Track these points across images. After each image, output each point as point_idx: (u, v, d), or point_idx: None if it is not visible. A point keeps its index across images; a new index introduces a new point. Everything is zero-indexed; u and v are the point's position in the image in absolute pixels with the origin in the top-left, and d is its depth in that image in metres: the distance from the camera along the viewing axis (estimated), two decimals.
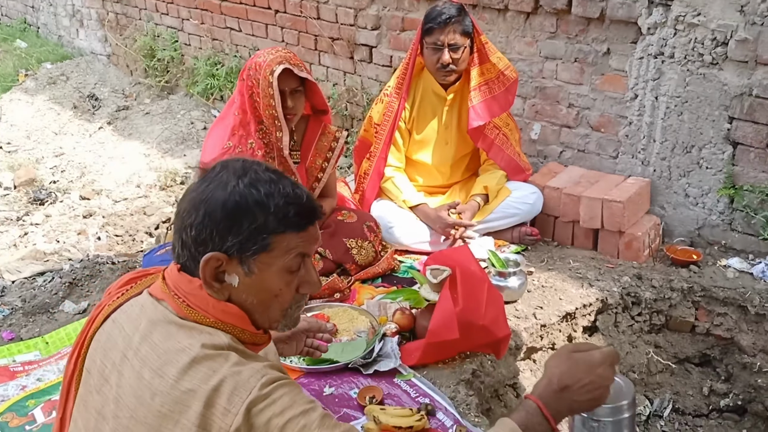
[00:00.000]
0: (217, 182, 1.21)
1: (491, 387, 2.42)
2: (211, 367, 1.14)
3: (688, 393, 2.92)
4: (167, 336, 1.19)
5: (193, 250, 1.21)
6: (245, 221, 1.19)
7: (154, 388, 1.14)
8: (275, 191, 1.22)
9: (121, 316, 1.29)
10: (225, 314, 1.22)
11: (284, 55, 2.59)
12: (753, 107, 2.81)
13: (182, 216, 1.22)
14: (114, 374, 1.21)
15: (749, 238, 2.99)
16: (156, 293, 1.26)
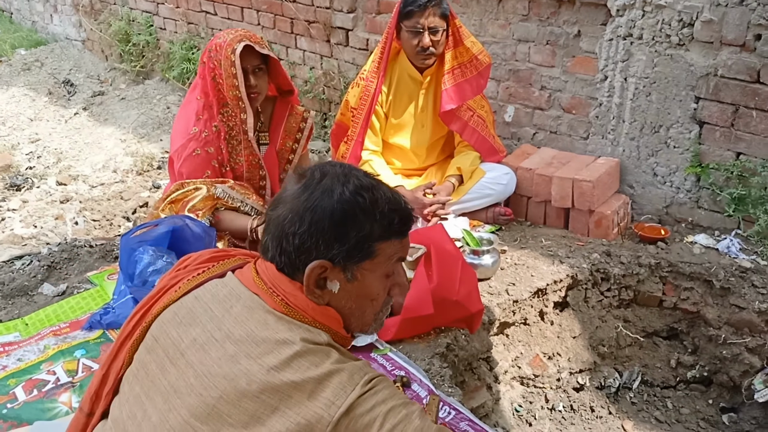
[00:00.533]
0: (321, 190, 1.21)
1: (465, 360, 2.48)
2: (313, 361, 1.15)
3: (656, 365, 3.02)
4: (264, 325, 1.19)
5: (294, 257, 1.22)
6: (352, 230, 1.21)
7: (251, 375, 1.14)
8: (379, 198, 1.24)
9: (205, 295, 1.28)
10: (324, 316, 1.23)
11: (243, 34, 2.59)
12: (718, 87, 2.89)
13: (283, 223, 1.22)
14: (196, 351, 1.20)
15: (715, 215, 3.08)
16: (249, 285, 1.26)
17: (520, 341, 2.82)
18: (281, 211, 1.23)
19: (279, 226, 1.23)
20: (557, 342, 2.90)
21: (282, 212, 1.23)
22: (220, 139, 2.67)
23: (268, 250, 1.26)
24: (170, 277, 1.38)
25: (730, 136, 2.93)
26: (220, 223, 2.65)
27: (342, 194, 1.21)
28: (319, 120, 4.71)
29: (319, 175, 1.24)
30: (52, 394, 2.13)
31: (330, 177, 1.23)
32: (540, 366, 2.86)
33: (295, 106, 2.88)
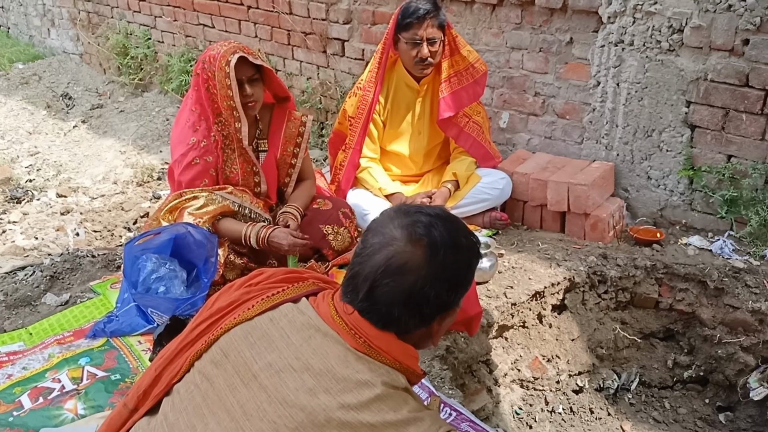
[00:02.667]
0: (446, 249, 1.23)
1: (465, 363, 2.52)
2: (392, 407, 1.15)
3: (653, 366, 3.06)
4: (345, 362, 1.19)
5: (412, 315, 1.23)
6: (471, 272, 1.30)
7: (329, 411, 1.13)
8: (465, 228, 1.33)
9: (282, 319, 1.28)
10: (406, 356, 1.24)
11: (237, 46, 2.64)
12: (708, 91, 2.94)
13: (414, 290, 1.21)
14: (271, 376, 1.19)
15: (708, 217, 3.13)
16: (326, 319, 1.25)
17: (519, 344, 2.86)
18: (409, 278, 1.20)
19: (406, 292, 1.21)
20: (556, 344, 2.94)
21: (411, 279, 1.21)
22: (217, 147, 2.71)
23: (357, 303, 1.24)
24: (241, 292, 1.38)
25: (721, 139, 2.98)
26: (218, 231, 2.68)
27: (462, 244, 1.27)
28: (316, 129, 4.76)
29: (435, 235, 1.23)
30: (57, 402, 2.16)
31: (440, 230, 1.24)
32: (539, 368, 2.89)
33: (293, 111, 2.93)
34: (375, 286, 1.21)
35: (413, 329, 1.25)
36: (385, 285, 1.20)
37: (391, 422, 1.13)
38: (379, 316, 1.23)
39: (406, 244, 1.21)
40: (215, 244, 2.56)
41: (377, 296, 1.21)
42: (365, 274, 1.22)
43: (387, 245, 1.22)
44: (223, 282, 2.64)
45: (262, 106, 2.84)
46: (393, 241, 1.22)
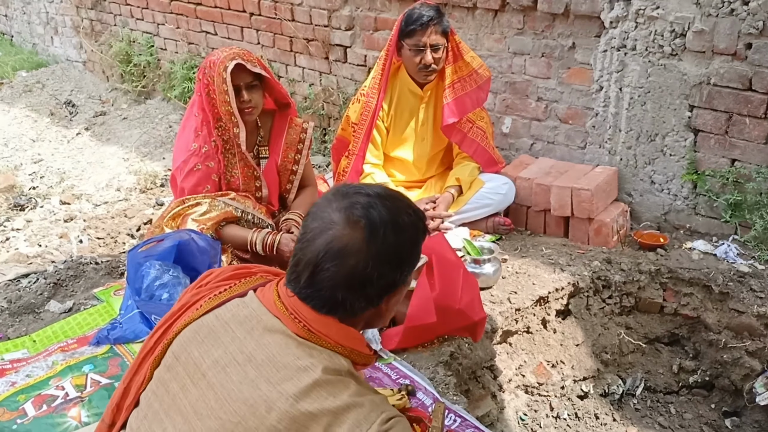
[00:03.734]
0: (386, 228, 1.22)
1: (469, 369, 2.51)
2: (332, 392, 1.15)
3: (658, 371, 3.04)
4: (286, 350, 1.19)
5: (352, 297, 1.23)
6: (416, 247, 1.30)
7: (270, 402, 1.14)
8: (410, 204, 1.33)
9: (227, 314, 1.28)
10: (347, 339, 1.24)
11: (237, 52, 2.65)
12: (711, 95, 2.94)
13: (356, 271, 1.20)
14: (218, 373, 1.20)
15: (712, 221, 3.12)
16: (270, 308, 1.26)
17: (523, 349, 2.85)
18: (351, 260, 1.19)
19: (349, 275, 1.20)
20: (560, 350, 2.93)
21: (352, 261, 1.20)
22: (218, 152, 2.72)
23: (299, 289, 1.24)
24: (191, 294, 1.39)
25: (724, 143, 2.98)
26: (222, 238, 2.68)
27: (403, 222, 1.25)
28: (319, 135, 4.76)
29: (374, 216, 1.22)
30: (61, 409, 2.16)
31: (379, 210, 1.23)
32: (544, 374, 2.88)
33: (294, 118, 2.93)
34: (317, 272, 1.20)
35: (360, 311, 1.25)
36: (326, 270, 1.20)
37: (330, 409, 1.13)
38: (323, 301, 1.22)
39: (345, 226, 1.20)
40: (218, 251, 2.56)
41: (320, 281, 1.21)
42: (306, 260, 1.22)
43: (326, 229, 1.21)
44: None
45: (264, 113, 2.85)
46: (332, 224, 1.21)
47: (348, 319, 1.25)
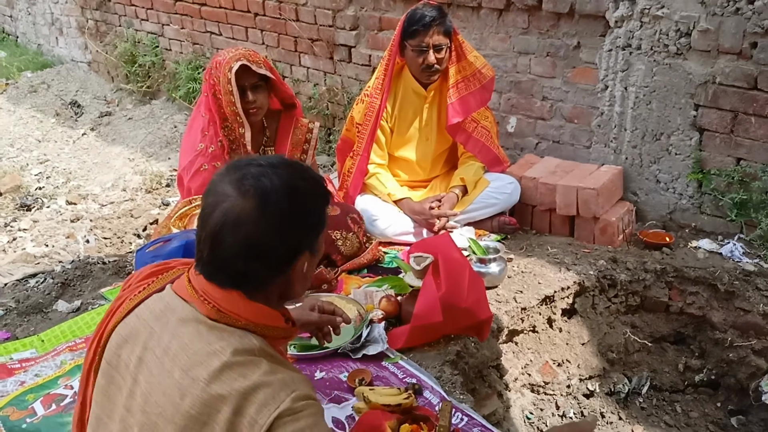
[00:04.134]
0: (279, 195, 1.24)
1: (475, 368, 2.51)
2: (242, 373, 1.16)
3: (664, 370, 3.04)
4: (197, 336, 1.21)
5: (254, 266, 1.24)
6: (315, 214, 1.31)
7: (183, 389, 1.16)
8: (307, 170, 1.34)
9: (145, 312, 1.31)
10: (257, 315, 1.25)
11: (243, 53, 2.67)
12: (717, 94, 2.94)
13: (253, 240, 1.22)
14: (142, 371, 1.23)
15: (718, 220, 3.12)
16: (183, 294, 1.28)
17: (529, 349, 2.86)
18: (235, 238, 1.21)
19: (246, 245, 1.22)
20: (566, 349, 2.93)
21: (236, 239, 1.22)
22: (224, 153, 2.73)
23: (203, 265, 1.27)
24: (116, 299, 1.41)
25: (730, 142, 2.98)
26: None
27: (299, 187, 1.27)
28: (324, 135, 4.77)
29: (264, 183, 1.24)
30: (70, 408, 2.17)
31: (270, 178, 1.25)
32: (550, 373, 2.88)
33: (300, 118, 2.94)
34: (216, 245, 1.23)
35: (268, 281, 1.27)
36: (225, 242, 1.22)
37: (239, 390, 1.14)
38: (226, 275, 1.24)
39: (237, 197, 1.22)
40: None
41: (219, 254, 1.23)
42: (205, 235, 1.24)
43: (220, 202, 1.23)
44: None
45: (270, 113, 2.86)
46: (225, 197, 1.23)
47: (258, 292, 1.26)
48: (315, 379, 2.26)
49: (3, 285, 3.08)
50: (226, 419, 1.13)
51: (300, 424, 1.15)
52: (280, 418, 1.14)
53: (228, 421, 1.13)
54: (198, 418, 1.15)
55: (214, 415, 1.14)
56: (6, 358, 2.52)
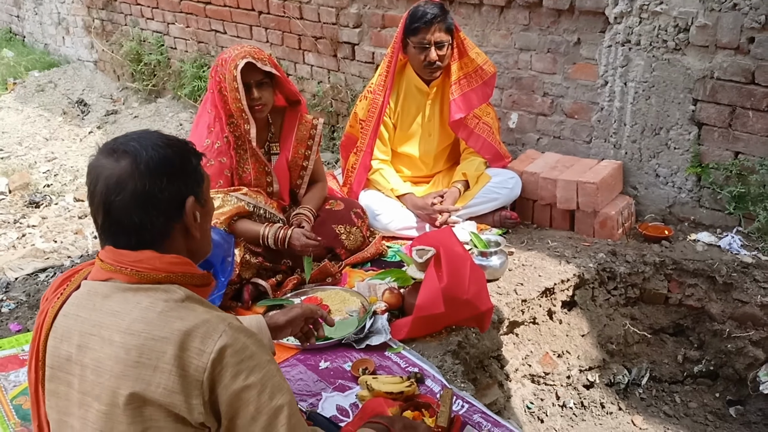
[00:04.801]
0: (148, 156, 1.34)
1: (476, 358, 2.57)
2: (179, 316, 1.28)
3: (663, 361, 3.09)
4: (126, 302, 1.31)
5: (147, 220, 1.34)
6: (187, 163, 1.41)
7: (127, 345, 1.26)
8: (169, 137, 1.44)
9: (70, 308, 1.37)
10: (173, 265, 1.35)
11: (248, 50, 2.72)
12: (715, 89, 2.98)
13: (138, 192, 1.32)
14: (85, 354, 1.31)
15: (716, 214, 3.16)
16: (99, 276, 1.36)
17: (529, 340, 2.90)
18: (122, 196, 1.31)
19: (134, 198, 1.32)
20: (566, 340, 2.98)
21: (124, 197, 1.31)
22: (230, 148, 2.78)
23: (107, 237, 1.36)
24: (39, 313, 1.48)
25: (728, 136, 3.02)
26: (235, 232, 2.75)
27: (164, 142, 1.37)
28: (328, 132, 4.82)
29: (132, 144, 1.34)
30: None
31: (136, 141, 1.35)
32: (550, 364, 2.93)
33: (304, 115, 2.99)
34: (108, 209, 1.33)
35: (166, 230, 1.36)
36: (113, 203, 1.32)
37: (180, 329, 1.25)
38: (128, 233, 1.33)
39: (112, 164, 1.33)
40: (232, 244, 2.63)
41: (114, 215, 1.33)
42: (96, 205, 1.34)
43: (99, 174, 1.33)
44: (239, 281, 2.71)
45: (275, 110, 2.91)
46: (101, 168, 1.34)
47: (163, 243, 1.36)
48: (320, 368, 2.32)
49: (14, 279, 3.14)
50: (173, 356, 1.24)
51: (247, 352, 1.28)
52: (226, 346, 1.26)
53: (176, 357, 1.24)
54: (147, 363, 1.24)
55: (161, 357, 1.24)
56: (18, 350, 2.59)
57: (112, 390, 1.26)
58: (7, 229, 4.08)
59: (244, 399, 1.27)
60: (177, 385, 1.24)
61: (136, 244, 1.34)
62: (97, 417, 1.29)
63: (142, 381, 1.24)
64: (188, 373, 1.24)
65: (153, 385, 1.24)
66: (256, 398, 1.28)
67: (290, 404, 1.33)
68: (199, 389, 1.25)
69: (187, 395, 1.25)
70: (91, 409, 1.30)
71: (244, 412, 1.28)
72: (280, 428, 1.30)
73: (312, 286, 2.79)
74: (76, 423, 1.33)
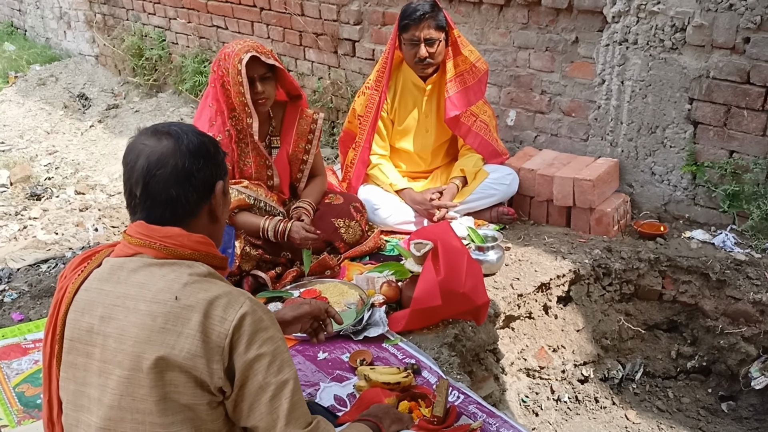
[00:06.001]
0: (187, 138, 1.45)
1: (472, 351, 2.60)
2: (202, 287, 1.36)
3: (657, 357, 3.13)
4: (151, 275, 1.38)
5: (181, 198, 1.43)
6: (218, 154, 1.52)
7: (153, 312, 1.33)
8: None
9: (93, 283, 1.43)
10: (199, 244, 1.43)
11: (251, 45, 2.75)
12: (711, 88, 3.01)
13: (178, 168, 1.41)
14: (108, 324, 1.36)
15: (711, 212, 3.20)
16: (126, 252, 1.42)
17: (525, 334, 2.94)
18: (163, 171, 1.40)
19: (174, 173, 1.41)
20: (561, 335, 3.02)
21: (165, 171, 1.40)
22: (231, 142, 2.81)
23: (141, 211, 1.43)
24: (56, 291, 1.53)
25: (723, 135, 3.06)
26: (235, 224, 2.78)
27: (200, 132, 1.50)
28: (327, 128, 4.85)
29: (175, 128, 1.46)
30: None
31: (177, 126, 1.48)
32: (545, 358, 2.97)
33: (305, 109, 3.02)
34: (148, 182, 1.41)
35: (196, 208, 1.45)
36: (154, 176, 1.40)
37: (204, 298, 1.34)
38: (163, 207, 1.41)
39: (155, 142, 1.42)
40: (232, 236, 2.66)
41: (153, 188, 1.41)
42: (135, 179, 1.41)
43: (142, 151, 1.42)
44: (239, 273, 2.75)
45: (276, 104, 2.94)
46: (145, 146, 1.42)
47: (190, 223, 1.44)
48: (318, 359, 2.36)
49: (16, 270, 3.17)
50: (198, 322, 1.32)
51: (264, 323, 1.37)
52: (246, 315, 1.34)
53: (200, 324, 1.32)
54: (172, 329, 1.32)
55: (186, 323, 1.32)
56: (20, 339, 2.62)
57: (136, 355, 1.32)
58: (8, 221, 4.11)
59: (255, 368, 1.34)
60: (200, 349, 1.31)
61: (169, 217, 1.42)
62: (118, 383, 1.34)
63: (166, 345, 1.31)
64: (210, 339, 1.32)
65: (177, 349, 1.31)
66: (265, 369, 1.35)
67: (295, 380, 1.39)
68: (219, 355, 1.32)
69: (208, 359, 1.31)
70: (112, 375, 1.34)
71: (253, 381, 1.35)
72: (284, 401, 1.36)
73: (311, 279, 2.83)
74: (95, 392, 1.37)
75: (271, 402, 1.36)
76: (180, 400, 1.32)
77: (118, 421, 1.35)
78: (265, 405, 1.36)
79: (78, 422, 1.42)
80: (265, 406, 1.36)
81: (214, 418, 1.37)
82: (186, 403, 1.33)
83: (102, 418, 1.36)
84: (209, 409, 1.35)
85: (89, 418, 1.39)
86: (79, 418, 1.41)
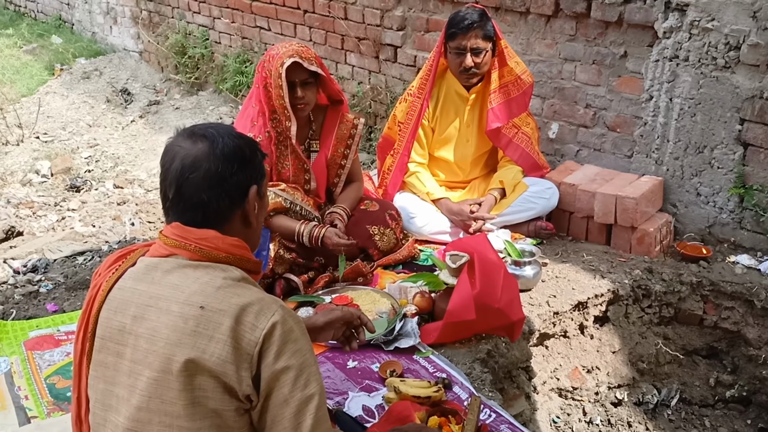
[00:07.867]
0: (223, 140, 1.43)
1: (505, 368, 2.55)
2: (236, 293, 1.34)
3: (695, 384, 3.03)
4: (185, 277, 1.36)
5: (216, 202, 1.41)
6: (256, 157, 1.50)
7: (186, 315, 1.32)
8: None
9: (127, 282, 1.42)
10: (234, 247, 1.42)
11: (296, 49, 2.74)
12: (764, 109, 2.92)
13: (211, 172, 1.40)
14: (140, 324, 1.36)
15: (758, 237, 3.09)
16: (161, 252, 1.41)
17: (559, 353, 2.87)
18: (196, 174, 1.38)
19: (206, 177, 1.39)
20: (596, 356, 2.94)
21: (197, 175, 1.38)
22: (271, 143, 2.81)
23: (174, 213, 1.42)
24: (90, 288, 1.52)
25: None
26: (270, 227, 2.77)
27: (237, 134, 1.47)
28: (365, 133, 4.83)
29: (211, 131, 1.44)
30: None
31: (214, 128, 1.46)
32: (579, 379, 2.90)
33: (346, 114, 3.00)
34: (180, 185, 1.39)
35: (228, 213, 1.43)
36: (187, 180, 1.38)
37: (238, 304, 1.32)
38: (194, 210, 1.40)
39: (190, 145, 1.41)
40: (267, 238, 2.65)
41: (185, 191, 1.39)
42: (169, 181, 1.40)
43: (177, 153, 1.41)
44: (272, 275, 2.74)
45: (317, 108, 2.93)
46: (180, 148, 1.42)
47: (223, 226, 1.43)
48: (347, 367, 2.33)
49: (52, 261, 3.21)
50: (229, 328, 1.30)
51: (295, 334, 1.35)
52: (276, 323, 1.32)
53: (231, 329, 1.30)
54: (204, 333, 1.30)
55: (217, 327, 1.30)
56: (54, 330, 2.64)
57: (167, 357, 1.31)
58: (47, 211, 4.17)
59: (281, 380, 1.32)
60: (230, 355, 1.29)
61: (201, 221, 1.41)
62: (147, 384, 1.32)
63: (197, 349, 1.29)
64: (241, 345, 1.30)
65: (207, 353, 1.29)
66: (292, 382, 1.32)
67: (320, 395, 1.36)
68: (248, 362, 1.30)
69: (238, 366, 1.30)
70: (141, 376, 1.33)
71: (278, 393, 1.32)
72: (308, 417, 1.33)
73: (343, 285, 2.80)
74: (123, 392, 1.36)
75: (295, 417, 1.33)
76: (208, 404, 1.31)
77: (146, 422, 1.33)
78: (288, 420, 1.32)
79: (105, 421, 1.41)
80: (288, 421, 1.33)
81: (240, 426, 1.34)
82: (214, 408, 1.31)
83: (129, 418, 1.35)
84: (236, 416, 1.33)
85: (116, 418, 1.38)
86: (106, 418, 1.40)
